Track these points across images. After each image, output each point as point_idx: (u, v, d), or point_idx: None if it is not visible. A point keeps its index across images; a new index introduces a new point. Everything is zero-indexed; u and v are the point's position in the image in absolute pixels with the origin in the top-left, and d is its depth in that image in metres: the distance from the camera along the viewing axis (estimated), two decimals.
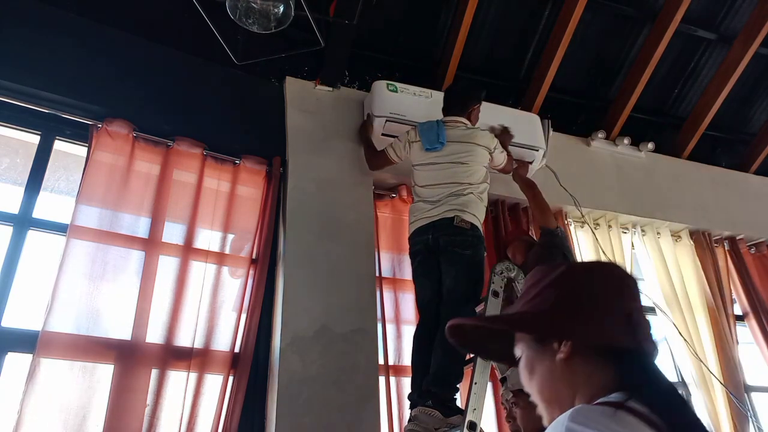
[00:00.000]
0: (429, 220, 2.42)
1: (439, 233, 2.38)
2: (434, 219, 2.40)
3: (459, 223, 2.36)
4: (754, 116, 4.37)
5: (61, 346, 2.14)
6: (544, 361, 0.89)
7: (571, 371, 0.87)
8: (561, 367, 0.87)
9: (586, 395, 0.84)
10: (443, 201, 2.43)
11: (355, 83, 3.31)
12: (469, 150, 2.53)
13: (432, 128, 2.60)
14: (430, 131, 2.59)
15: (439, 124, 2.60)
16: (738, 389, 3.29)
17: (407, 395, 2.36)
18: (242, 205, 2.71)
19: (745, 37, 3.72)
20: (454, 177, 2.47)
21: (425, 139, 2.59)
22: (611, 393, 0.80)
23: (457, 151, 2.52)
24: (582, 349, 0.87)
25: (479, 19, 3.40)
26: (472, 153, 2.53)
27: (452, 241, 2.35)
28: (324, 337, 2.49)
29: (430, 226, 2.41)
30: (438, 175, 2.51)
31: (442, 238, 2.37)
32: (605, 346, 0.86)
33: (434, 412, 2.10)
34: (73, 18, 2.65)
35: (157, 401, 2.20)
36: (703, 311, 3.50)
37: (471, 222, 2.38)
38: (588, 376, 0.86)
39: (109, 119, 2.51)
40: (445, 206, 2.41)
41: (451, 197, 2.43)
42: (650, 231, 3.68)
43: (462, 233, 2.35)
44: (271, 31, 2.26)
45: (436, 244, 2.39)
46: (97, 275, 2.30)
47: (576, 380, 0.86)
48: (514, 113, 3.36)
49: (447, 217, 2.38)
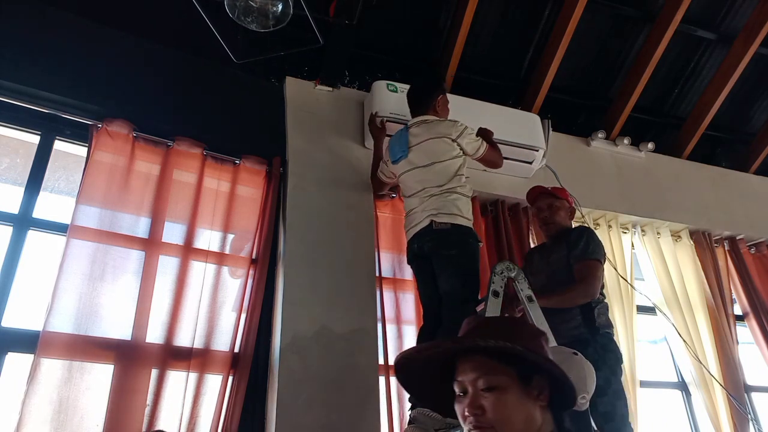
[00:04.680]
0: (413, 232, 2.43)
1: (422, 241, 2.39)
2: (417, 229, 2.41)
3: (437, 227, 2.35)
4: (754, 116, 4.37)
5: (62, 346, 2.14)
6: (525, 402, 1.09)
7: (542, 419, 1.10)
8: (537, 412, 1.10)
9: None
10: (422, 208, 2.42)
11: (355, 83, 3.31)
12: (432, 147, 2.47)
13: (397, 138, 2.59)
14: (394, 143, 2.60)
15: (402, 133, 2.58)
16: (738, 389, 3.29)
17: (408, 397, 2.36)
18: (242, 205, 2.71)
19: (745, 37, 3.72)
20: (425, 181, 2.45)
21: (391, 152, 2.61)
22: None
23: (426, 150, 2.47)
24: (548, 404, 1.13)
25: (479, 19, 3.40)
26: (435, 149, 2.46)
27: (436, 246, 2.35)
28: (324, 337, 2.49)
29: (415, 236, 2.42)
30: (412, 182, 2.50)
31: (426, 245, 2.37)
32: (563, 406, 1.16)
33: (433, 413, 2.09)
34: (73, 18, 2.65)
35: (157, 401, 2.20)
36: (703, 311, 3.50)
37: (449, 222, 2.35)
38: (548, 425, 1.12)
39: (109, 119, 2.51)
40: (422, 213, 2.40)
41: (426, 201, 2.41)
42: (650, 231, 3.68)
43: (443, 236, 2.34)
44: (270, 30, 2.26)
45: (422, 252, 2.40)
46: (97, 275, 2.30)
47: (542, 427, 1.10)
48: (514, 113, 3.37)
49: (425, 225, 2.37)
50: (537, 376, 1.12)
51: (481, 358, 1.11)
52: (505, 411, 1.07)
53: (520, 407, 1.08)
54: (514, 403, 1.07)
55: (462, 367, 1.14)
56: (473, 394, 1.10)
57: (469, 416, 1.09)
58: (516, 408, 1.07)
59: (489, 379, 1.09)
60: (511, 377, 1.09)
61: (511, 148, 3.13)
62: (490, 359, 1.10)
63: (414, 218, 2.45)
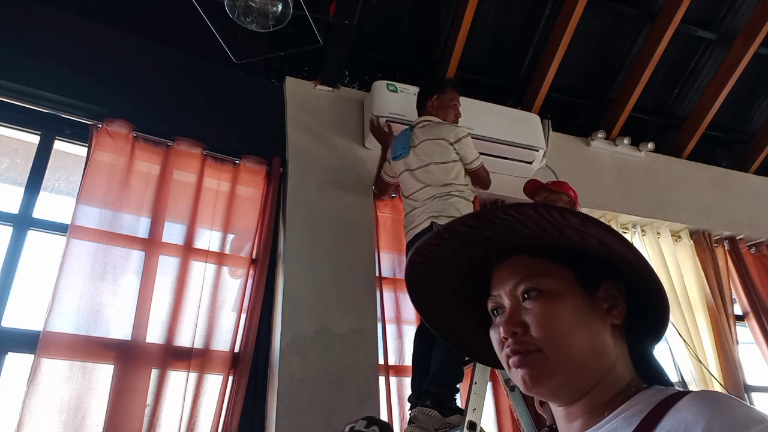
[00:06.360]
0: (413, 233, 2.42)
1: None
2: (417, 230, 2.40)
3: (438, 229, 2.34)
4: (754, 116, 4.37)
5: (62, 346, 2.14)
6: (589, 317, 0.71)
7: (617, 347, 0.72)
8: (607, 334, 0.71)
9: (613, 380, 0.70)
10: (423, 208, 2.42)
11: (355, 83, 3.31)
12: (429, 148, 2.47)
13: (401, 136, 2.60)
14: (398, 140, 2.61)
15: (406, 131, 2.59)
16: (738, 389, 3.29)
17: (407, 397, 2.36)
18: (242, 205, 2.71)
19: (745, 37, 3.72)
20: (427, 180, 2.44)
21: (393, 149, 2.61)
22: (634, 385, 0.69)
23: (425, 151, 2.48)
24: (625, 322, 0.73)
25: (479, 19, 3.40)
26: (431, 151, 2.46)
27: None
28: (324, 337, 2.49)
29: (415, 237, 2.42)
30: (413, 181, 2.50)
31: None
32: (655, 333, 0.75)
33: (432, 412, 2.09)
34: (72, 18, 2.65)
35: (157, 401, 2.20)
36: (703, 311, 3.50)
37: None
38: (624, 357, 0.72)
39: (109, 119, 2.51)
40: (423, 215, 2.39)
41: (428, 202, 2.41)
42: (650, 231, 3.69)
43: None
44: (270, 30, 2.26)
45: None
46: (98, 275, 2.30)
47: (616, 359, 0.71)
48: (514, 113, 3.37)
49: (425, 227, 2.36)
50: (607, 283, 0.74)
51: (525, 258, 0.74)
52: (558, 326, 0.68)
53: (581, 323, 0.69)
54: (570, 315, 0.69)
55: (498, 276, 0.76)
56: (512, 307, 0.73)
57: (507, 340, 0.71)
58: (574, 322, 0.69)
59: (533, 282, 0.72)
60: (568, 279, 0.72)
61: (511, 148, 3.13)
62: (539, 258, 0.74)
63: (413, 219, 2.45)
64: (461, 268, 0.79)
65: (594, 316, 0.71)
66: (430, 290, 0.82)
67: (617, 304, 0.73)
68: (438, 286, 0.81)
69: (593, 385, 0.69)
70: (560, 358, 0.68)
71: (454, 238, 0.75)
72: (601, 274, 0.74)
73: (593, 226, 0.68)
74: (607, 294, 0.73)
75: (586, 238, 0.70)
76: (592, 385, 0.69)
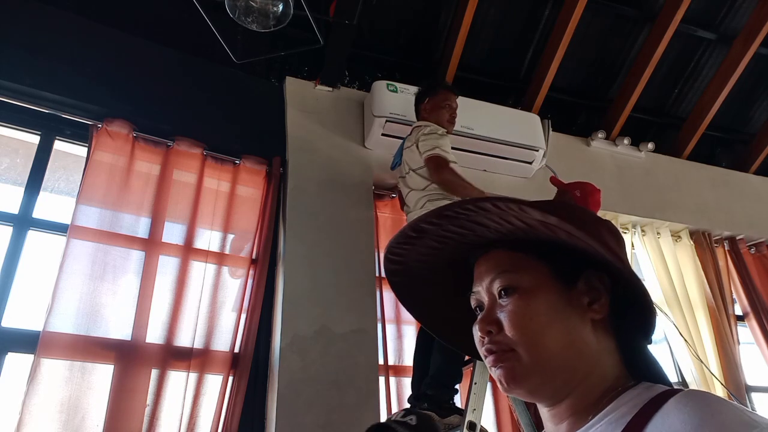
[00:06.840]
0: None
1: None
2: None
3: None
4: (754, 116, 4.37)
5: (62, 346, 2.14)
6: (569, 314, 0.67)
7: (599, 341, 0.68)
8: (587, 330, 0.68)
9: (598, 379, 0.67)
10: (414, 213, 2.42)
11: (355, 83, 3.31)
12: (409, 155, 2.46)
13: (399, 145, 2.62)
14: (397, 150, 2.63)
15: (403, 141, 2.61)
16: (738, 389, 3.29)
17: (407, 397, 2.36)
18: (242, 205, 2.71)
19: (745, 37, 3.72)
20: (412, 185, 2.44)
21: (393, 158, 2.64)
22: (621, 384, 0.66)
23: (405, 159, 2.50)
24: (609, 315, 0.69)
25: (479, 19, 3.40)
26: (411, 157, 2.43)
27: None
28: (324, 337, 2.49)
29: None
30: (404, 187, 2.51)
31: None
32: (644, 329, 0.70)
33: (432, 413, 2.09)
34: (72, 18, 2.65)
35: (157, 401, 2.20)
36: (704, 311, 3.50)
37: None
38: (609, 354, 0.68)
39: (109, 119, 2.51)
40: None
41: (417, 206, 2.40)
42: (650, 231, 3.68)
43: None
44: (270, 30, 2.26)
45: None
46: (98, 275, 2.30)
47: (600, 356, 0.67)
48: (514, 113, 3.37)
49: None
50: (588, 275, 0.70)
51: (502, 252, 0.72)
52: (530, 324, 0.66)
53: (556, 319, 0.67)
54: (543, 312, 0.67)
55: (477, 272, 0.74)
56: (489, 304, 0.71)
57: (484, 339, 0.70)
58: (547, 320, 0.66)
59: (507, 278, 0.69)
60: (543, 274, 0.69)
61: (511, 148, 3.13)
62: (515, 252, 0.71)
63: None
64: (446, 265, 0.78)
65: (571, 312, 0.68)
66: (417, 288, 0.81)
67: (599, 297, 0.69)
68: (426, 284, 0.80)
69: (576, 384, 0.66)
70: (534, 357, 0.66)
71: (422, 235, 0.74)
72: (583, 266, 0.70)
73: (554, 219, 0.64)
74: (588, 287, 0.70)
75: (553, 230, 0.66)
76: (575, 385, 0.66)
